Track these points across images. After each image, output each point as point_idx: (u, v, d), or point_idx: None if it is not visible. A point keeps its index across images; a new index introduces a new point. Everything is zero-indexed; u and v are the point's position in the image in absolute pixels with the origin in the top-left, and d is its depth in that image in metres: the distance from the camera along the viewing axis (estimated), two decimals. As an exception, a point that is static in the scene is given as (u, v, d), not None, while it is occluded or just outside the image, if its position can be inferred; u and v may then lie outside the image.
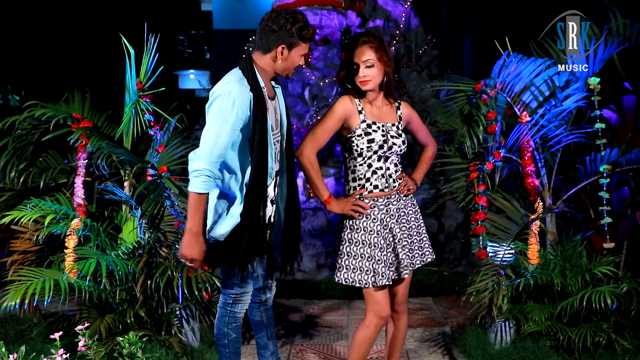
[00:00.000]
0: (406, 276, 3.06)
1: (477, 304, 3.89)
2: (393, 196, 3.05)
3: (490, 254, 4.01)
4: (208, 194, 2.79)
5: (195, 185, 2.73)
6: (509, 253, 3.92)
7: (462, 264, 6.37)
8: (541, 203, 4.08)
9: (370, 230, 2.99)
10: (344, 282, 3.01)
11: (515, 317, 4.01)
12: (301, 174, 5.70)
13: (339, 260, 3.04)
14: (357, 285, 2.98)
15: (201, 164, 2.73)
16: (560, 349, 3.83)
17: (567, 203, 4.24)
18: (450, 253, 6.47)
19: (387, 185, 3.02)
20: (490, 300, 3.80)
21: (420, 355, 4.17)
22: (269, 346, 3.25)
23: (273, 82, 3.05)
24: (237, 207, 2.90)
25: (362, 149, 2.97)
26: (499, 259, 3.90)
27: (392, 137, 3.01)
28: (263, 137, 2.84)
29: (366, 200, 3.01)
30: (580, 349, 3.75)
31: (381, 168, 3.01)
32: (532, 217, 3.99)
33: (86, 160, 4.21)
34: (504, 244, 3.93)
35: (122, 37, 3.98)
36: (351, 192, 3.05)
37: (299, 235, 3.19)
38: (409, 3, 8.64)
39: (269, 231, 3.11)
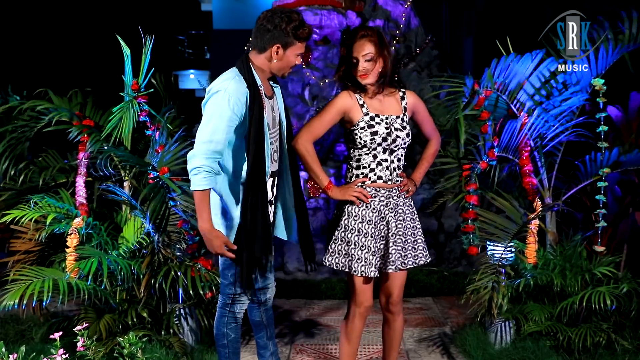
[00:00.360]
0: (390, 271, 3.04)
1: (477, 303, 3.90)
2: (395, 190, 3.05)
3: (489, 253, 4.01)
4: (210, 189, 2.79)
5: (196, 183, 2.74)
6: (508, 252, 3.92)
7: (462, 264, 6.37)
8: (540, 202, 4.08)
9: (369, 220, 2.99)
10: (334, 267, 3.02)
11: (515, 317, 4.00)
12: (302, 173, 5.69)
13: (333, 245, 3.04)
14: (346, 270, 2.99)
15: (198, 160, 2.73)
16: (560, 349, 3.83)
17: (567, 203, 4.24)
18: (450, 253, 6.47)
19: (390, 178, 3.02)
20: (489, 299, 3.80)
21: (420, 355, 4.17)
22: (269, 346, 3.25)
23: (272, 82, 3.04)
24: (236, 208, 2.90)
25: (365, 141, 2.97)
26: (498, 258, 3.90)
27: (396, 129, 3.01)
28: (259, 134, 2.84)
29: (368, 189, 3.01)
30: (580, 349, 3.75)
31: (386, 160, 3.01)
32: (531, 216, 3.99)
33: (87, 160, 4.21)
34: (504, 243, 3.93)
35: (119, 37, 3.98)
36: (353, 179, 3.05)
37: (310, 233, 3.19)
38: (409, 3, 8.64)
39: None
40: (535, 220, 4.00)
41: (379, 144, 2.98)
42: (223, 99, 2.75)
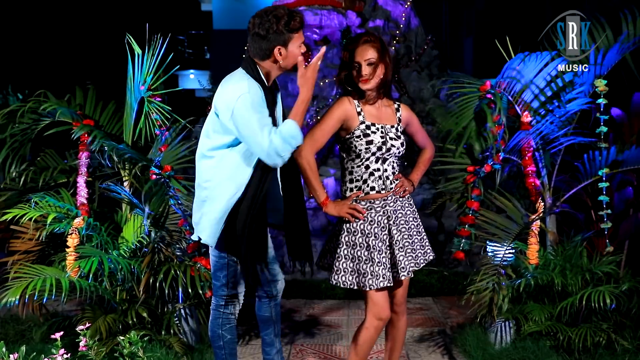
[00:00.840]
0: (404, 277, 3.04)
1: (477, 303, 3.89)
2: (389, 198, 3.04)
3: (490, 254, 4.01)
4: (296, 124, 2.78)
5: (289, 130, 2.74)
6: (509, 253, 3.92)
7: (462, 264, 6.36)
8: (542, 203, 4.08)
9: (368, 233, 2.98)
10: (342, 285, 2.99)
11: (515, 317, 4.00)
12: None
13: (337, 263, 3.02)
14: (355, 288, 2.97)
15: (269, 138, 2.71)
16: (560, 349, 3.83)
17: (568, 203, 4.24)
18: (450, 253, 6.45)
19: (384, 187, 3.02)
20: (490, 299, 3.80)
21: (420, 355, 4.17)
22: (275, 343, 3.24)
23: (273, 87, 3.04)
24: (225, 209, 2.87)
25: (360, 150, 2.97)
26: (499, 259, 3.90)
27: (390, 138, 3.01)
28: None
29: (362, 203, 3.01)
30: (580, 349, 3.75)
31: (379, 170, 3.01)
32: (533, 217, 3.99)
33: (88, 160, 4.21)
34: (505, 244, 3.93)
35: (130, 37, 3.99)
36: (348, 193, 3.05)
37: (307, 236, 3.17)
38: (409, 3, 8.64)
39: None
40: (536, 221, 4.00)
41: (373, 154, 2.98)
42: (248, 99, 2.73)
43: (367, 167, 3.00)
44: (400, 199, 3.09)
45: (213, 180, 2.89)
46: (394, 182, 3.05)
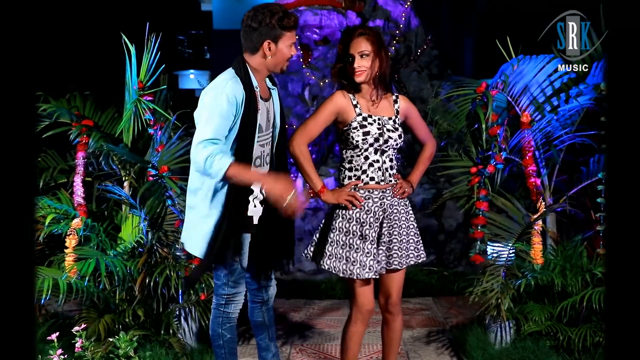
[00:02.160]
0: (397, 267, 3.02)
1: (482, 304, 3.88)
2: (388, 191, 3.04)
3: (493, 255, 4.00)
4: (233, 164, 2.67)
5: (218, 165, 2.62)
6: (512, 253, 3.92)
7: (462, 264, 6.36)
8: (543, 203, 4.07)
9: (363, 222, 2.98)
10: (332, 271, 2.98)
11: (515, 317, 4.00)
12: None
13: (329, 248, 3.01)
14: (342, 275, 2.96)
15: (206, 151, 2.65)
16: (560, 349, 3.82)
17: (568, 203, 4.24)
18: (450, 253, 6.46)
19: (383, 178, 3.02)
20: (497, 300, 3.80)
21: (420, 355, 4.17)
22: (271, 347, 3.24)
23: (269, 84, 3.03)
24: (213, 210, 2.86)
25: (357, 141, 2.97)
26: (504, 260, 3.89)
27: (388, 130, 3.01)
28: (251, 136, 2.83)
29: (361, 192, 3.00)
30: (580, 349, 3.75)
31: (378, 161, 3.01)
32: (534, 216, 3.99)
33: (85, 160, 4.21)
34: (508, 244, 3.92)
35: (123, 35, 3.98)
36: (346, 181, 3.04)
37: (292, 240, 3.17)
38: (409, 3, 8.63)
39: (255, 231, 3.07)
40: (538, 220, 4.00)
41: (371, 145, 2.98)
42: (222, 97, 2.74)
43: (367, 157, 3.00)
44: (397, 197, 3.08)
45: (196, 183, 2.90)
46: (392, 176, 3.05)
